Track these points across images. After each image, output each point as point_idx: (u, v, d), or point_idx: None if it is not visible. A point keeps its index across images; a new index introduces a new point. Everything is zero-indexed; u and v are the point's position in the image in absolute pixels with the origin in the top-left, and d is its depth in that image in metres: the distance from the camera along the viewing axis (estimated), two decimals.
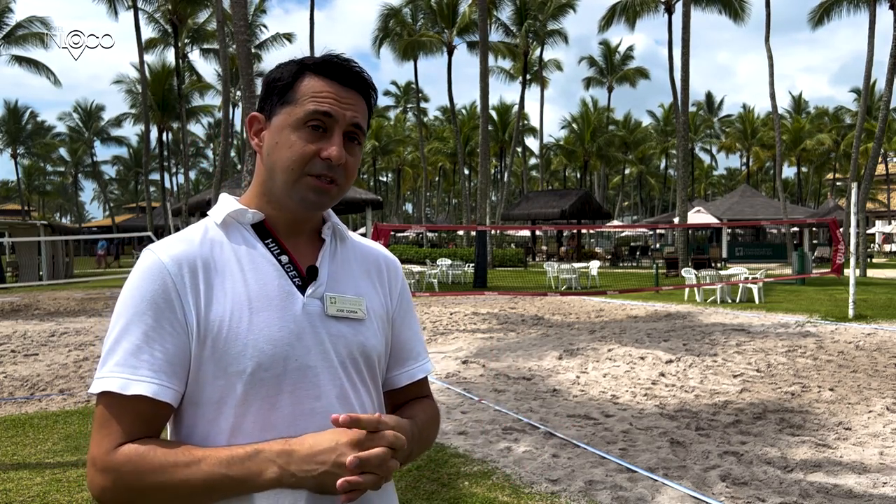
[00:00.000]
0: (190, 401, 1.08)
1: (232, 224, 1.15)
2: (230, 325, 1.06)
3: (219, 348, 1.06)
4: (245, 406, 1.06)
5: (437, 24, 39.37)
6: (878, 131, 24.27)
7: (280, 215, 1.17)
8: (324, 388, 1.11)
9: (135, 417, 1.02)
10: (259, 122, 1.17)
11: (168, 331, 1.05)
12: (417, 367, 1.30)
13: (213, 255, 1.11)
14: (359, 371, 1.16)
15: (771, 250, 37.24)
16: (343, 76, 1.14)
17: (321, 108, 1.11)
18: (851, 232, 12.52)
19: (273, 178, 1.14)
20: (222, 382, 1.06)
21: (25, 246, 23.61)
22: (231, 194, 1.21)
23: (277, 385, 1.07)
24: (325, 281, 1.16)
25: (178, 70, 36.17)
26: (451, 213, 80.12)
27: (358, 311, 1.17)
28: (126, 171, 74.77)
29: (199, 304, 1.07)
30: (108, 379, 1.02)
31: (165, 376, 1.04)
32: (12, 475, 4.63)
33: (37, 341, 10.69)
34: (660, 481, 4.40)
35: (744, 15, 30.63)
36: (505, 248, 38.83)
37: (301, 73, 1.14)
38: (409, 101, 68.64)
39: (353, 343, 1.15)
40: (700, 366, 8.19)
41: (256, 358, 1.06)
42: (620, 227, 26.99)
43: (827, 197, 64.25)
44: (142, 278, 1.07)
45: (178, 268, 1.07)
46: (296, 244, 1.18)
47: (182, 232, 1.15)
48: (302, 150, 1.11)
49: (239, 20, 14.98)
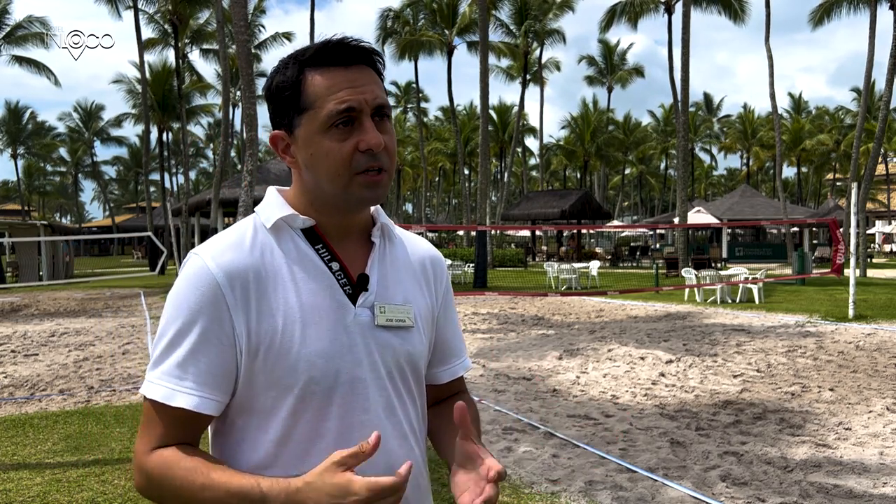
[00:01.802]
0: (242, 408, 1.08)
1: (282, 228, 1.12)
2: (282, 339, 1.05)
3: (270, 361, 1.05)
4: (295, 417, 1.06)
5: (437, 24, 39.38)
6: (878, 131, 24.27)
7: (330, 220, 1.14)
8: (372, 401, 1.10)
9: (174, 425, 1.05)
10: (283, 140, 1.12)
11: (215, 343, 1.04)
12: (459, 365, 1.31)
13: (264, 263, 1.08)
14: (405, 380, 1.16)
15: (771, 250, 37.23)
16: (344, 57, 1.09)
17: (341, 107, 1.06)
18: (851, 232, 12.52)
19: (321, 188, 1.10)
20: (274, 393, 1.06)
21: (25, 246, 23.61)
22: (279, 189, 1.17)
23: (328, 398, 1.07)
24: (375, 289, 1.14)
25: (178, 70, 36.14)
26: (451, 213, 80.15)
27: (406, 319, 1.16)
28: (126, 171, 74.77)
29: (249, 316, 1.05)
30: (155, 386, 1.04)
31: (209, 388, 1.04)
32: (12, 475, 4.63)
33: (37, 341, 10.69)
34: (660, 481, 4.40)
35: (743, 16, 30.65)
36: (505, 248, 38.85)
37: (302, 73, 1.09)
38: (410, 101, 68.65)
39: (400, 353, 1.14)
40: (700, 366, 8.19)
41: (308, 372, 1.05)
42: (620, 227, 26.95)
43: (827, 197, 64.27)
44: (192, 286, 1.05)
45: (229, 279, 1.05)
46: (345, 248, 1.15)
47: (230, 232, 1.12)
48: (340, 154, 1.06)
49: (239, 20, 14.98)
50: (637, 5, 31.07)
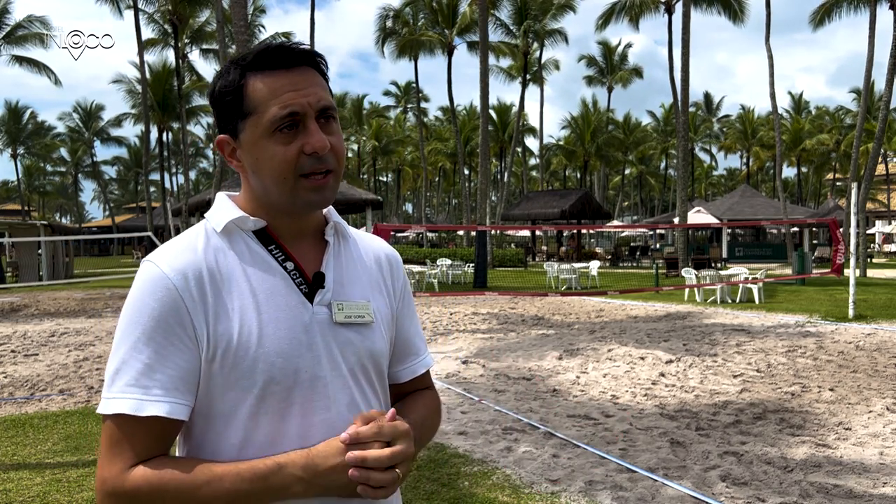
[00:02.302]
0: (200, 413, 1.06)
1: (234, 230, 1.11)
2: (239, 340, 1.04)
3: (228, 362, 1.03)
4: (255, 419, 1.04)
5: (437, 24, 39.39)
6: (878, 131, 24.27)
7: (281, 222, 1.13)
8: (333, 398, 1.09)
9: (148, 438, 1.00)
10: (229, 144, 1.12)
11: (179, 347, 1.02)
12: (419, 363, 1.29)
13: (218, 266, 1.07)
14: (367, 377, 1.15)
15: (771, 250, 37.23)
16: (285, 60, 1.08)
17: (284, 111, 1.05)
18: (851, 232, 12.52)
19: (269, 192, 1.10)
20: (233, 395, 1.04)
21: (25, 246, 23.61)
22: (228, 194, 1.17)
23: (288, 397, 1.06)
24: (331, 286, 1.13)
25: (178, 70, 36.15)
26: (451, 213, 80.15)
27: (365, 315, 1.15)
28: (126, 171, 74.82)
29: (207, 317, 1.04)
30: (120, 400, 1.00)
31: (179, 394, 1.02)
32: (12, 475, 4.63)
33: (37, 341, 10.69)
34: (660, 481, 4.40)
35: (743, 16, 30.66)
36: (505, 248, 38.83)
37: (244, 77, 1.08)
38: (410, 101, 68.64)
39: (361, 350, 1.13)
40: (700, 366, 8.19)
41: (267, 372, 1.04)
42: (620, 227, 26.94)
43: (827, 197, 64.26)
44: (147, 292, 1.03)
45: (185, 281, 1.03)
46: (300, 248, 1.14)
47: (181, 239, 1.10)
48: (285, 158, 1.06)
49: (239, 20, 14.99)
50: (637, 5, 31.07)
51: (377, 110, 70.17)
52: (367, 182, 67.37)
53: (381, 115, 69.34)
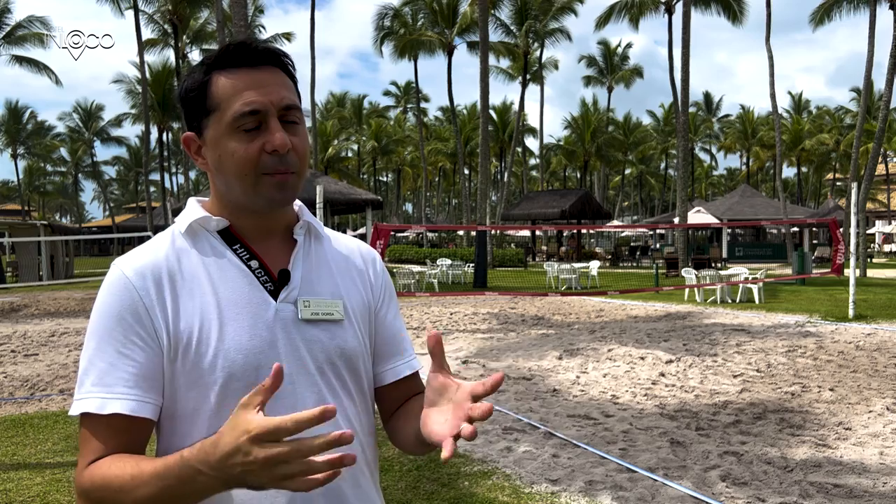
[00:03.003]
0: (166, 413, 1.06)
1: (198, 231, 1.12)
2: (199, 337, 1.04)
3: (189, 360, 1.04)
4: (219, 417, 1.02)
5: (437, 24, 39.38)
6: (878, 131, 24.27)
7: (247, 221, 1.13)
8: (300, 396, 1.07)
9: (113, 436, 1.00)
10: (195, 142, 1.13)
11: (139, 345, 1.03)
12: (404, 364, 1.25)
13: (181, 265, 1.08)
14: (339, 376, 1.13)
15: (771, 250, 37.23)
16: (250, 59, 1.08)
17: (246, 108, 1.06)
18: (851, 232, 12.52)
19: (231, 190, 1.10)
20: (195, 394, 1.04)
21: (25, 246, 23.61)
22: (198, 199, 1.17)
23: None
24: (298, 284, 1.12)
25: (179, 70, 36.17)
26: (451, 213, 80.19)
27: (335, 312, 1.13)
28: (126, 171, 74.85)
29: (166, 316, 1.04)
30: (86, 400, 1.01)
31: (141, 391, 1.02)
32: (12, 475, 4.63)
33: (37, 341, 10.69)
34: (660, 481, 4.40)
35: (742, 17, 30.67)
36: (505, 248, 38.82)
37: (209, 75, 1.09)
38: (409, 101, 68.64)
39: (330, 347, 1.12)
40: (700, 366, 8.19)
41: (228, 368, 1.04)
42: (620, 227, 26.96)
43: (827, 197, 64.28)
44: (108, 294, 1.05)
45: (143, 280, 1.05)
46: (267, 248, 1.14)
47: (148, 242, 1.12)
48: (246, 154, 1.06)
49: (239, 20, 14.99)
50: (637, 5, 31.08)
51: (377, 110, 70.19)
52: (367, 182, 67.39)
53: (380, 115, 69.35)
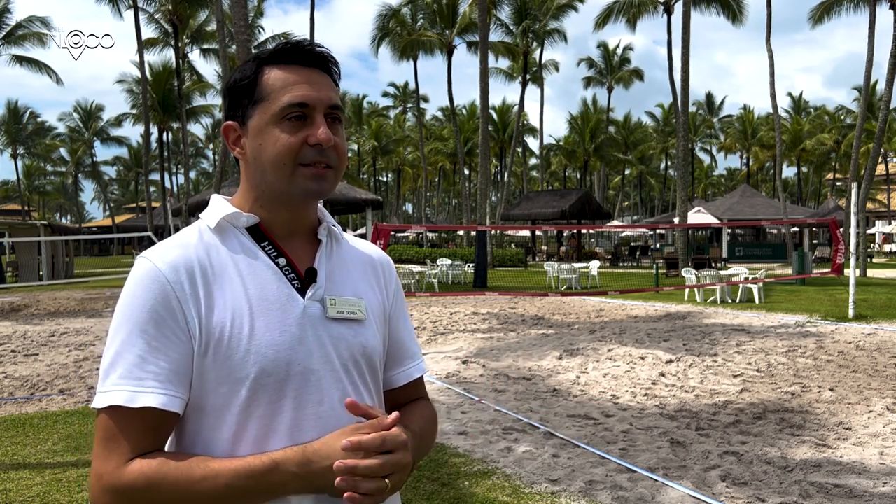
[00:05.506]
0: (193, 408, 1.06)
1: (227, 228, 1.13)
2: (231, 332, 1.05)
3: (221, 355, 1.04)
4: (248, 412, 1.05)
5: (436, 24, 39.37)
6: (878, 131, 24.26)
7: (276, 217, 1.15)
8: (326, 392, 1.09)
9: (143, 430, 1.00)
10: (235, 131, 1.15)
11: (172, 339, 1.03)
12: (414, 367, 1.29)
13: (211, 260, 1.09)
14: (360, 373, 1.15)
15: (771, 250, 37.23)
16: (303, 58, 1.13)
17: (295, 100, 1.09)
18: (851, 232, 12.52)
19: (266, 179, 1.12)
20: (225, 389, 1.04)
21: (25, 246, 23.60)
22: (223, 196, 1.18)
23: (280, 390, 1.06)
24: (323, 283, 1.14)
25: (179, 70, 36.17)
26: (451, 213, 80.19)
27: (358, 311, 1.16)
28: (126, 171, 74.83)
29: (199, 310, 1.05)
30: (114, 392, 1.00)
31: (172, 386, 1.02)
32: (12, 475, 4.63)
33: (37, 341, 10.68)
34: (660, 481, 4.40)
35: (741, 17, 30.67)
36: (505, 248, 38.84)
37: (261, 68, 1.12)
38: (409, 101, 68.63)
39: (354, 345, 1.14)
40: (700, 366, 8.19)
41: (259, 364, 1.04)
42: (620, 227, 26.99)
43: (827, 197, 64.26)
44: (139, 287, 1.04)
45: (176, 274, 1.05)
46: (292, 246, 1.16)
47: (175, 236, 1.12)
48: (288, 143, 1.09)
49: (239, 20, 15.00)
50: (635, 5, 31.07)
51: (377, 110, 70.19)
52: (367, 182, 67.37)
53: (380, 115, 69.35)
